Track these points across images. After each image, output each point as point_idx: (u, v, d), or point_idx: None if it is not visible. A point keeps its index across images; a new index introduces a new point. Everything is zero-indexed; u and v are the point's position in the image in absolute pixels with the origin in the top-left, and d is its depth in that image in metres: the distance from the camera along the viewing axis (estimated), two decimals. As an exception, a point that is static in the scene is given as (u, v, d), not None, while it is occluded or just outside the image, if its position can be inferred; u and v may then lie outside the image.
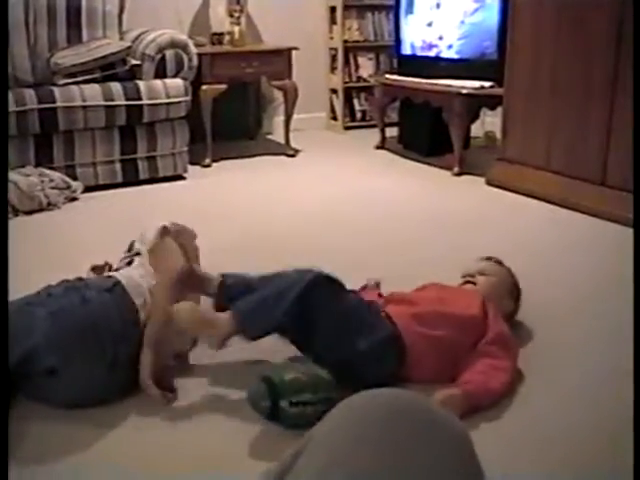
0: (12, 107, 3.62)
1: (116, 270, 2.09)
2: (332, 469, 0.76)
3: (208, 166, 4.59)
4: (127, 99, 3.90)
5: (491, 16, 4.22)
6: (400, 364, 1.86)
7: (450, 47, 4.55)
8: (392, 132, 5.13)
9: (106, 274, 2.02)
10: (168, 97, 4.01)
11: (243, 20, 4.89)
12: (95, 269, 2.23)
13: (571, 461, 1.59)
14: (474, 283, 2.18)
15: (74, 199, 3.77)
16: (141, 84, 3.98)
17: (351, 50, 5.66)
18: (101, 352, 1.76)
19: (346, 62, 5.66)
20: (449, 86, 4.27)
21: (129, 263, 2.11)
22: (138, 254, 2.15)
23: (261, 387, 1.66)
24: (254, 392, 1.68)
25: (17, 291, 1.96)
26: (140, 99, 3.93)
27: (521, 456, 1.61)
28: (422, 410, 0.85)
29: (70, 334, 1.72)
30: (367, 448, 0.78)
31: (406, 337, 1.87)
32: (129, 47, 4.07)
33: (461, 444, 0.83)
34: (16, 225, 3.39)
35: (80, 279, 1.97)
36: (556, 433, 1.69)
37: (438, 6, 4.59)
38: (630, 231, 3.03)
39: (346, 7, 5.51)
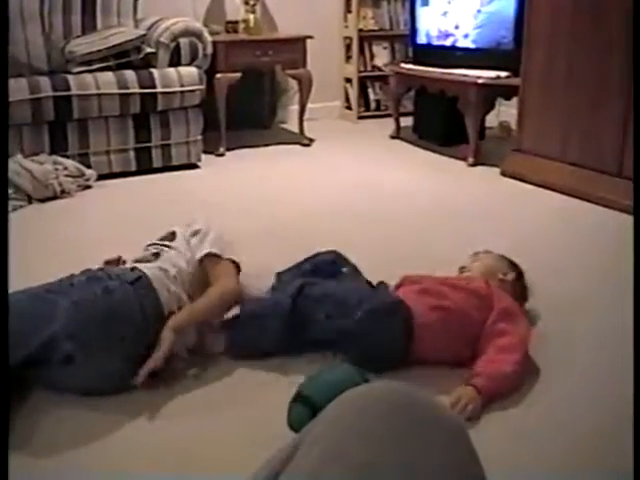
0: (27, 95, 3.63)
1: (139, 260, 2.08)
2: (329, 462, 0.76)
3: (222, 155, 4.58)
4: (141, 87, 3.90)
5: (508, 5, 4.18)
6: (409, 337, 1.88)
7: (466, 36, 4.51)
8: (407, 122, 5.10)
9: (130, 265, 2.01)
10: (182, 85, 4.00)
11: (258, 8, 4.87)
12: (108, 263, 2.24)
13: (571, 458, 1.58)
14: (468, 270, 2.23)
15: (88, 187, 3.77)
16: (155, 72, 3.97)
17: (366, 39, 5.62)
18: (119, 344, 1.78)
19: (361, 51, 5.63)
20: (465, 76, 4.24)
21: (155, 254, 2.11)
22: (167, 246, 2.16)
23: (304, 414, 1.61)
24: (297, 420, 1.62)
25: (31, 278, 1.97)
26: (154, 87, 3.93)
27: (521, 452, 1.60)
28: (419, 404, 0.84)
29: (90, 323, 1.74)
30: (364, 442, 0.77)
31: (414, 308, 1.90)
32: (144, 35, 4.06)
33: (459, 438, 0.83)
34: (30, 213, 3.41)
35: (102, 269, 1.98)
36: (558, 429, 1.68)
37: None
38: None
39: (361, -5, 5.48)
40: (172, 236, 2.25)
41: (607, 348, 2.06)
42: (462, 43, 4.55)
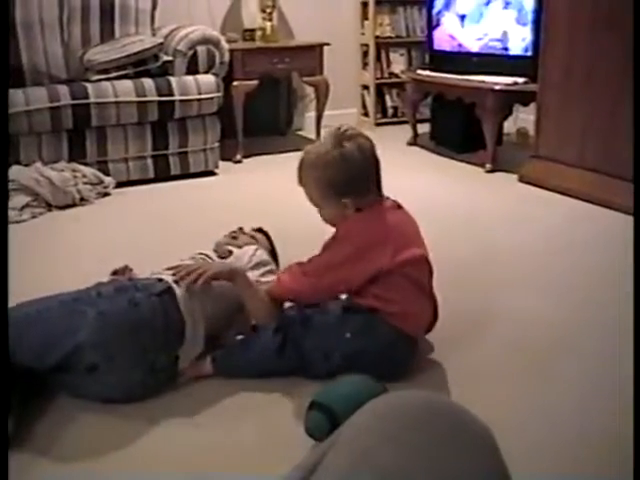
0: (46, 103, 3.66)
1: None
2: (358, 467, 0.76)
3: (239, 162, 4.60)
4: (159, 95, 3.92)
5: (526, 10, 4.18)
6: (400, 335, 1.88)
7: (483, 42, 4.50)
8: (424, 128, 5.09)
9: (157, 276, 2.00)
10: (200, 93, 4.02)
11: (275, 16, 4.89)
12: (116, 273, 2.24)
13: (572, 461, 1.58)
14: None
15: (106, 194, 3.80)
16: (173, 80, 3.99)
17: (383, 46, 5.63)
18: (142, 356, 1.79)
19: (378, 58, 5.63)
20: (482, 82, 4.23)
21: None
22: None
23: (322, 421, 1.62)
24: (315, 427, 1.64)
25: (51, 285, 1.98)
26: (172, 95, 3.95)
27: (523, 455, 1.59)
28: (449, 412, 0.84)
29: (115, 335, 1.76)
30: (393, 447, 0.77)
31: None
32: (161, 43, 4.08)
33: (488, 447, 0.82)
34: (49, 220, 3.43)
35: (130, 279, 1.98)
36: (560, 432, 1.68)
37: (472, 1, 4.55)
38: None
39: (378, 2, 5.47)
40: (229, 254, 2.25)
41: (619, 359, 2.04)
42: (479, 49, 4.54)
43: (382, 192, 2.05)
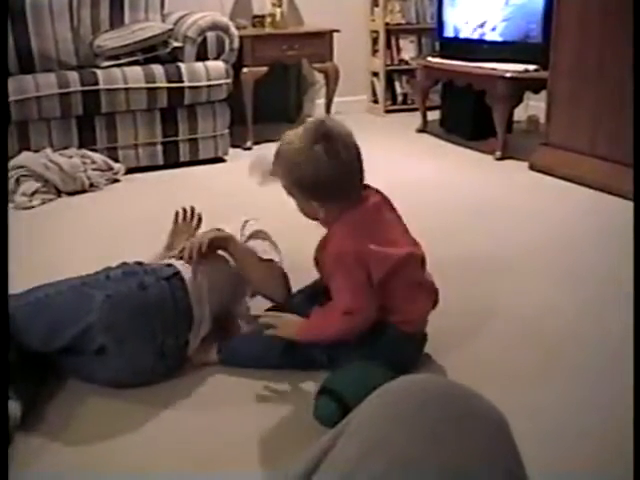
0: (56, 89, 3.66)
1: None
2: (372, 455, 0.75)
3: (249, 149, 4.59)
4: (168, 81, 3.92)
5: (537, -3, 4.15)
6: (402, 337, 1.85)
7: (494, 29, 4.47)
8: (434, 115, 5.07)
9: (166, 262, 2.00)
10: (209, 79, 4.02)
11: (285, 2, 4.87)
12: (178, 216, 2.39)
13: (572, 461, 1.57)
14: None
15: (116, 180, 3.80)
16: (182, 66, 3.99)
17: (393, 32, 5.60)
18: (151, 338, 1.80)
19: (388, 45, 5.60)
20: (493, 69, 4.21)
21: None
22: None
23: (332, 407, 1.63)
24: (325, 413, 1.64)
25: (59, 271, 1.99)
26: (181, 81, 3.94)
27: (525, 455, 1.58)
28: (464, 397, 0.83)
29: (124, 318, 1.77)
30: (406, 433, 0.76)
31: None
32: (171, 29, 4.08)
33: (501, 433, 0.82)
34: (59, 206, 3.44)
35: (139, 263, 1.99)
36: (561, 431, 1.67)
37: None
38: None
39: (388, -11, 5.45)
40: None
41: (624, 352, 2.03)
42: (490, 36, 4.52)
43: (363, 187, 1.94)
